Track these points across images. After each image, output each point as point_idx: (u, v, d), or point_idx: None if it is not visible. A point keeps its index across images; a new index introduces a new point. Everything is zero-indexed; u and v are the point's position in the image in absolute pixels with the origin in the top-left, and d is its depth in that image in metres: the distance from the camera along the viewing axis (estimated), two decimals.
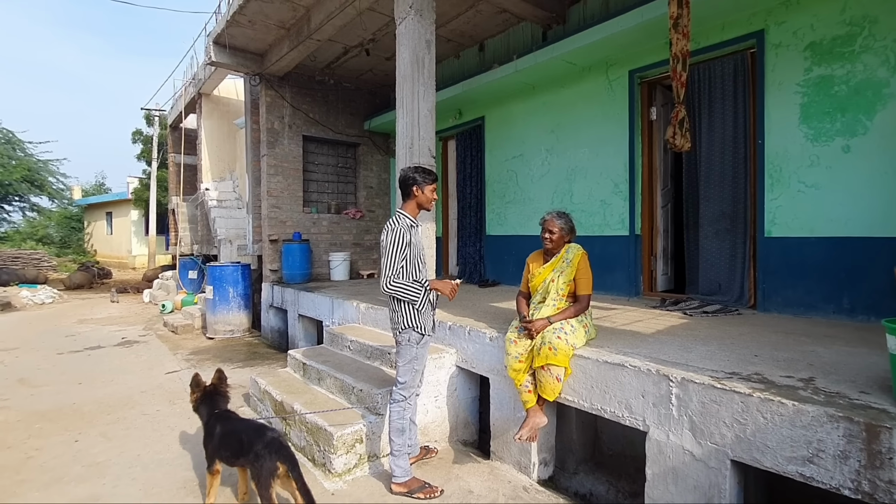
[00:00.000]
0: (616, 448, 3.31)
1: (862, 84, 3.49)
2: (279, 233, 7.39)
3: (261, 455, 2.28)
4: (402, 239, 2.71)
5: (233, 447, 2.46)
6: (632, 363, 2.48)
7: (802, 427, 1.90)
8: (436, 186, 2.91)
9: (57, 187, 21.80)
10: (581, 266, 2.97)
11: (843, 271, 3.58)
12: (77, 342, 6.90)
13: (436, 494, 2.75)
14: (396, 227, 2.73)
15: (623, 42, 4.57)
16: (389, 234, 2.73)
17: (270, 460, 2.26)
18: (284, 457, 2.29)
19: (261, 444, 2.32)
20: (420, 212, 2.92)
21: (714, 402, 2.16)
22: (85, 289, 13.80)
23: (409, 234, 2.75)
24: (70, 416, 4.07)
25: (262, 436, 2.38)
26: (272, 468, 2.26)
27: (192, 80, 11.55)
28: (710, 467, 2.18)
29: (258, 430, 2.45)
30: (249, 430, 2.47)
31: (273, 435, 2.39)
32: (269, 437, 2.36)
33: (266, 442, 2.33)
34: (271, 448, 2.30)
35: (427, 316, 2.81)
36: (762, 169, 3.96)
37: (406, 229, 2.74)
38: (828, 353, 2.65)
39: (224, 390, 2.88)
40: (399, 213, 2.83)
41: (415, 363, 2.82)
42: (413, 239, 2.78)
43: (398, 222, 2.76)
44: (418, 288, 2.73)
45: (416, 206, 2.87)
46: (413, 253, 2.77)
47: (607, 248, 4.99)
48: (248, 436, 2.41)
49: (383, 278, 2.72)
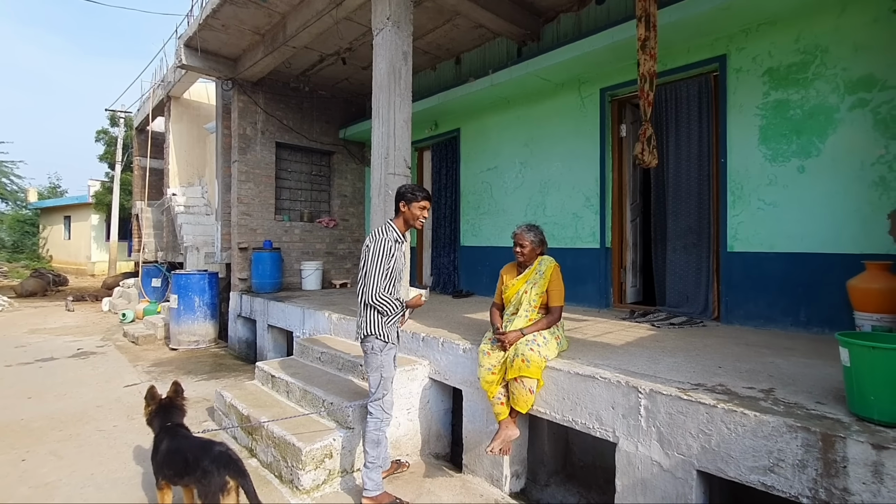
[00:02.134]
0: (587, 460, 3.35)
1: (815, 109, 3.70)
2: (249, 241, 7.22)
3: (208, 471, 2.18)
4: (389, 250, 2.71)
5: (176, 466, 2.34)
6: (602, 375, 2.52)
7: (764, 437, 1.97)
8: (426, 205, 2.86)
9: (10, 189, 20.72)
10: (553, 278, 3.02)
11: (801, 286, 3.75)
12: (28, 353, 6.52)
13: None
14: (385, 237, 2.73)
15: (595, 61, 4.71)
16: (376, 243, 2.71)
17: (219, 475, 2.16)
18: (234, 471, 2.20)
19: (208, 459, 2.21)
20: (408, 228, 2.91)
21: (681, 413, 2.21)
22: (38, 296, 13.08)
23: (394, 247, 2.75)
24: (17, 432, 3.83)
25: (209, 451, 2.26)
26: (221, 483, 2.15)
27: (161, 83, 11.24)
28: (676, 477, 2.23)
29: (204, 446, 2.33)
30: (195, 447, 2.35)
31: (221, 449, 2.28)
32: (216, 452, 2.25)
33: (213, 457, 2.22)
34: (219, 463, 2.20)
35: (392, 328, 2.80)
36: (725, 186, 4.13)
37: (392, 242, 2.74)
38: (787, 365, 2.76)
39: (180, 403, 2.75)
40: (388, 224, 2.84)
41: (382, 371, 2.79)
42: (396, 253, 2.77)
43: (386, 233, 2.76)
44: (398, 306, 2.75)
45: (404, 222, 2.87)
46: (394, 267, 2.77)
47: (579, 261, 5.09)
48: (193, 454, 2.29)
49: (369, 288, 2.69)
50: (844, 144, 3.56)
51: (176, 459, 2.34)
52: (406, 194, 2.84)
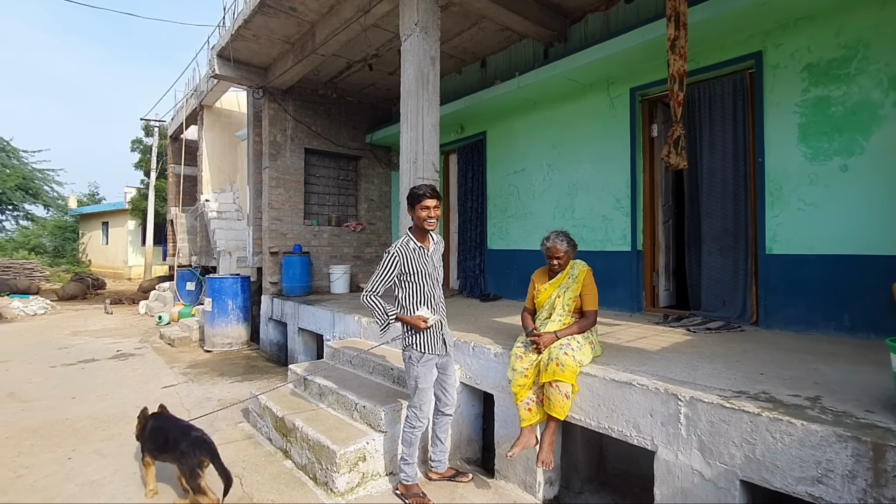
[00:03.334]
0: (621, 467, 3.29)
1: (858, 105, 3.56)
2: (280, 245, 7.38)
3: (186, 452, 2.65)
4: (392, 260, 2.76)
5: (157, 442, 2.83)
6: (639, 381, 2.48)
7: (811, 447, 1.91)
8: (428, 204, 2.75)
9: (52, 196, 21.72)
10: (587, 282, 2.99)
11: (843, 289, 3.61)
12: (70, 355, 6.81)
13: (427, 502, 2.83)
14: (392, 248, 2.81)
15: (624, 60, 4.65)
16: (385, 253, 2.83)
17: (195, 456, 2.64)
18: (208, 451, 2.67)
19: (186, 442, 2.68)
20: (423, 233, 2.87)
21: (723, 421, 2.16)
22: (79, 300, 13.66)
23: (404, 255, 2.78)
24: (63, 432, 4.00)
25: (188, 435, 2.72)
26: (198, 461, 2.64)
27: (193, 92, 11.62)
28: (719, 487, 2.17)
29: (184, 430, 2.78)
30: (176, 429, 2.80)
31: (197, 434, 2.74)
32: (193, 437, 2.71)
33: (191, 440, 2.69)
34: (196, 445, 2.67)
35: (429, 335, 2.83)
36: (762, 187, 4.01)
37: (400, 252, 2.78)
38: (831, 371, 2.66)
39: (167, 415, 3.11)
40: (406, 234, 2.90)
41: (418, 381, 2.83)
42: (413, 260, 2.78)
43: (396, 244, 2.84)
44: (383, 316, 2.78)
45: (417, 228, 2.87)
46: (414, 274, 2.79)
47: (609, 264, 5.01)
48: (173, 435, 2.75)
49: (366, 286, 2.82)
50: (889, 141, 3.41)
51: (158, 437, 2.84)
52: (408, 198, 2.83)
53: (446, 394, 3.03)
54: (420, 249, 2.83)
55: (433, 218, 2.78)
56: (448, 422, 3.10)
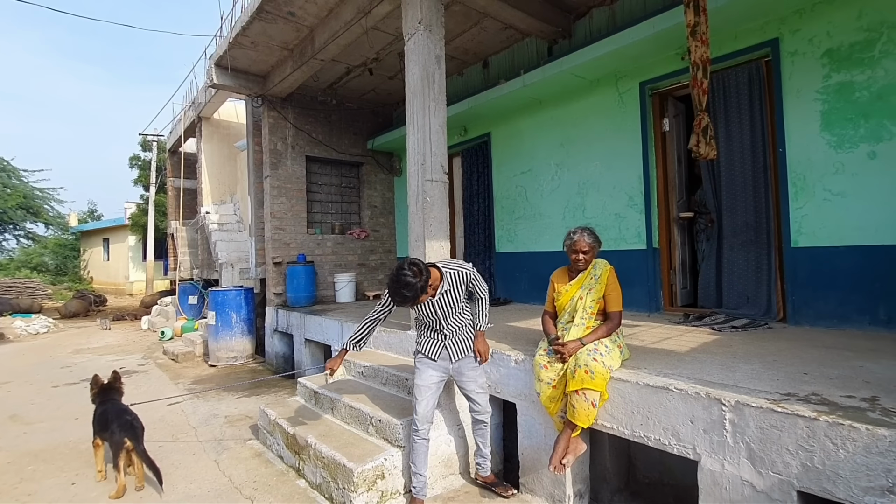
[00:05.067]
0: (653, 476, 3.12)
1: (885, 89, 3.41)
2: (283, 255, 7.23)
3: (114, 431, 3.10)
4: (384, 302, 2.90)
5: (101, 424, 3.27)
6: (677, 386, 2.31)
7: (879, 454, 1.74)
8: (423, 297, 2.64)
9: (53, 214, 21.64)
10: (610, 282, 2.83)
11: (878, 280, 3.45)
12: (73, 374, 6.65)
13: None
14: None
15: (633, 54, 4.52)
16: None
17: (119, 436, 3.07)
18: (131, 435, 3.09)
19: (116, 423, 3.13)
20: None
21: (774, 427, 1.99)
22: (81, 317, 13.51)
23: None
24: (66, 455, 3.84)
25: (120, 417, 3.17)
26: (120, 442, 3.06)
27: (191, 104, 11.53)
28: (773, 500, 2.00)
29: (119, 412, 3.24)
30: (113, 412, 3.25)
31: (128, 417, 3.19)
32: (123, 419, 3.16)
33: (120, 422, 3.13)
34: (122, 426, 3.11)
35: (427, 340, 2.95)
36: (784, 178, 3.86)
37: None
38: (879, 369, 2.49)
39: (118, 386, 3.59)
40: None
41: (413, 379, 2.94)
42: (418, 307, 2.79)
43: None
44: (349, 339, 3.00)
45: None
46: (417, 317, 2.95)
47: (624, 263, 4.82)
48: (110, 416, 3.20)
49: None
50: None
51: (101, 420, 3.27)
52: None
53: (473, 400, 2.99)
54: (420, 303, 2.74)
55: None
56: (483, 428, 3.03)
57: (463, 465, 3.31)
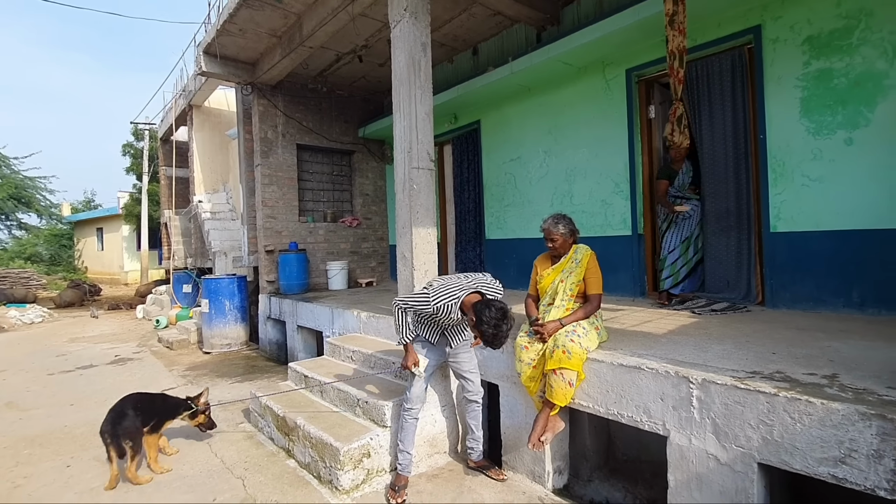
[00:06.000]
0: (631, 453, 3.23)
1: (862, 76, 3.47)
2: (275, 243, 7.27)
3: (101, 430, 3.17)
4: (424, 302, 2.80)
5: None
6: (648, 365, 2.41)
7: (833, 426, 1.83)
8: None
9: (45, 204, 21.50)
10: (590, 266, 2.91)
11: (852, 264, 3.54)
12: (68, 361, 6.72)
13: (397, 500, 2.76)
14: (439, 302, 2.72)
15: (619, 41, 4.54)
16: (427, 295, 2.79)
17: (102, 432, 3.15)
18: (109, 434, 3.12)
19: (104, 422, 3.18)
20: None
21: (738, 403, 2.08)
22: (76, 306, 13.53)
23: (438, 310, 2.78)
24: (62, 439, 3.92)
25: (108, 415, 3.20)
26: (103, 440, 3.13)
27: (182, 92, 11.45)
28: (736, 471, 2.10)
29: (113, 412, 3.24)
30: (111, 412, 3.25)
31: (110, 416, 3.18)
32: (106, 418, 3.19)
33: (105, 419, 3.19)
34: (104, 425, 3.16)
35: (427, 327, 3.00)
36: (765, 164, 3.92)
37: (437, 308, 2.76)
38: (846, 349, 2.59)
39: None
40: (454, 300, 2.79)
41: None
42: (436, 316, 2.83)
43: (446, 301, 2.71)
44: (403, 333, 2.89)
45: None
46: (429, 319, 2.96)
47: (610, 249, 4.92)
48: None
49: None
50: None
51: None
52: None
53: (467, 380, 3.08)
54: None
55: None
56: (476, 409, 3.12)
57: (448, 445, 3.41)
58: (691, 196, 4.35)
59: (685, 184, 4.35)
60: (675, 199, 4.33)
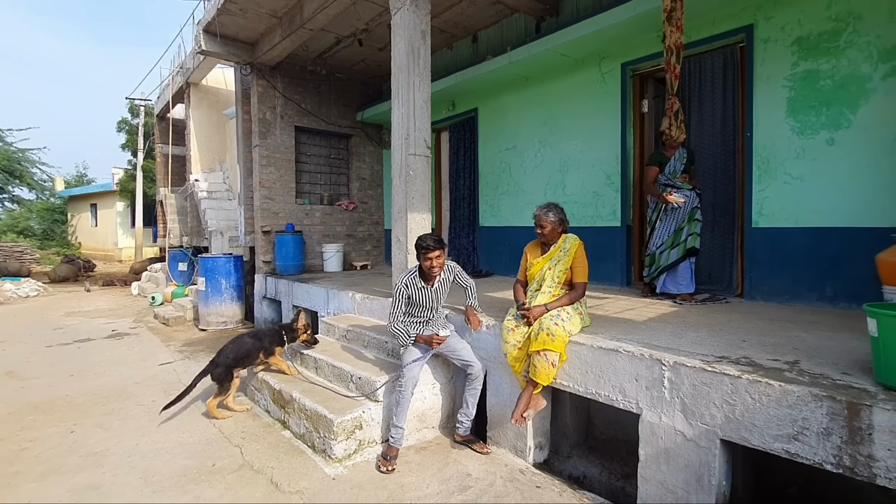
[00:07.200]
0: (609, 432, 3.41)
1: (846, 78, 3.59)
2: (272, 224, 7.36)
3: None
4: (399, 292, 3.22)
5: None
6: (626, 348, 2.57)
7: (788, 406, 2.00)
8: (431, 255, 3.10)
9: (38, 178, 21.32)
10: (578, 255, 3.05)
11: (827, 261, 3.71)
12: (66, 335, 6.83)
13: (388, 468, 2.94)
14: (399, 283, 3.24)
15: (616, 35, 4.62)
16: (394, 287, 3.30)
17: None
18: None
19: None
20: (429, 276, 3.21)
21: (705, 384, 2.25)
22: (70, 281, 13.58)
23: (409, 288, 3.21)
24: (64, 407, 4.05)
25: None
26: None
27: (179, 69, 11.36)
28: (700, 447, 2.28)
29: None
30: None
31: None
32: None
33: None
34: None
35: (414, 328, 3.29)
36: (750, 161, 4.06)
37: (405, 286, 3.21)
38: (812, 339, 2.76)
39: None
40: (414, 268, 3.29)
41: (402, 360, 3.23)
42: (415, 294, 3.22)
43: (403, 278, 3.24)
44: (406, 339, 3.21)
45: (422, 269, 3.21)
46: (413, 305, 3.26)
47: (599, 239, 5.07)
48: None
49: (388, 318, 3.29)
50: (876, 115, 3.46)
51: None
52: (415, 248, 3.18)
53: (468, 364, 3.25)
54: (424, 288, 3.22)
55: (436, 267, 3.13)
56: (477, 386, 3.27)
57: (438, 421, 3.58)
58: (682, 185, 4.03)
59: (676, 171, 4.03)
60: (665, 188, 4.06)
